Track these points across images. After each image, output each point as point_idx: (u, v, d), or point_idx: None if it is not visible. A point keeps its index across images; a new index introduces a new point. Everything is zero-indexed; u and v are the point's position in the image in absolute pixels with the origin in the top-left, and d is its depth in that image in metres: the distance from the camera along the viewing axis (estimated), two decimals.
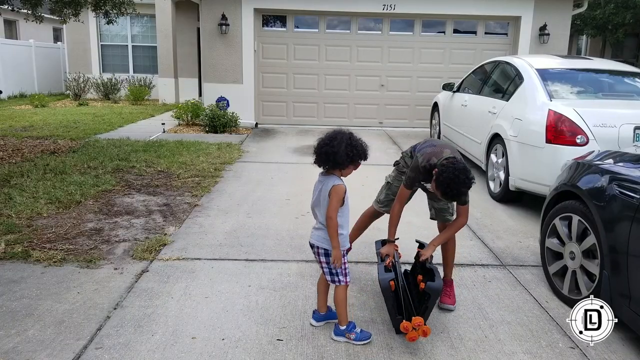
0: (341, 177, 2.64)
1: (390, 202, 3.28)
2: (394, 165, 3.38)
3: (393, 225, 3.00)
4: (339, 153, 2.51)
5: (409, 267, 3.63)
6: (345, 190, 2.61)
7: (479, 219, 4.78)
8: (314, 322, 2.81)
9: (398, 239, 3.04)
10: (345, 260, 2.64)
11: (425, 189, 3.03)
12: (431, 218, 3.26)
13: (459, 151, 3.13)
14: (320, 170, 2.69)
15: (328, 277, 2.67)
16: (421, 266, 3.05)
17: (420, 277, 2.88)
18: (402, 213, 3.04)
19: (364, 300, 3.13)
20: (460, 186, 2.64)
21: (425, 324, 2.57)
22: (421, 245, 3.22)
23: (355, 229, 3.53)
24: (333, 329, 2.71)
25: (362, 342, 2.64)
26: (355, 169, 2.67)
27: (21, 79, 15.27)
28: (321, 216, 2.63)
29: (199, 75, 13.79)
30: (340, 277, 2.64)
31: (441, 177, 2.67)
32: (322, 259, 2.65)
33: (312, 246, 2.71)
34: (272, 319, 2.86)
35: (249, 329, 2.75)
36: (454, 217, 3.09)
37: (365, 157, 2.63)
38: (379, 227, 4.39)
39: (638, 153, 3.97)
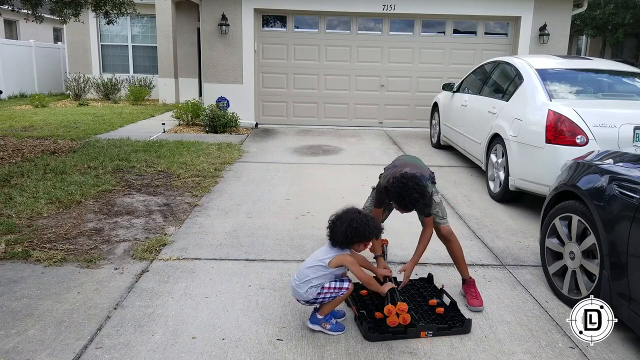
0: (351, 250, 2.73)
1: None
2: (379, 177, 3.46)
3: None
4: (337, 234, 2.62)
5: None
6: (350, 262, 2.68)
7: (479, 219, 4.78)
8: (309, 324, 2.77)
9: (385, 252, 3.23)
10: (334, 286, 2.67)
11: (396, 208, 3.02)
12: None
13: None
14: None
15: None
16: (432, 288, 3.21)
17: (434, 301, 3.01)
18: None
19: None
20: (411, 192, 2.70)
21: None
22: (430, 276, 3.31)
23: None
24: (309, 317, 2.76)
25: (337, 333, 2.72)
26: (365, 247, 2.74)
27: (21, 79, 15.27)
28: (305, 266, 2.71)
29: (199, 75, 13.80)
30: (343, 291, 2.68)
31: (392, 189, 2.77)
32: (318, 299, 2.67)
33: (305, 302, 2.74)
34: (272, 319, 2.87)
35: (249, 329, 2.76)
36: (444, 220, 3.16)
37: (368, 238, 2.67)
38: None
39: (638, 153, 3.97)
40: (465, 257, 3.82)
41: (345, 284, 2.70)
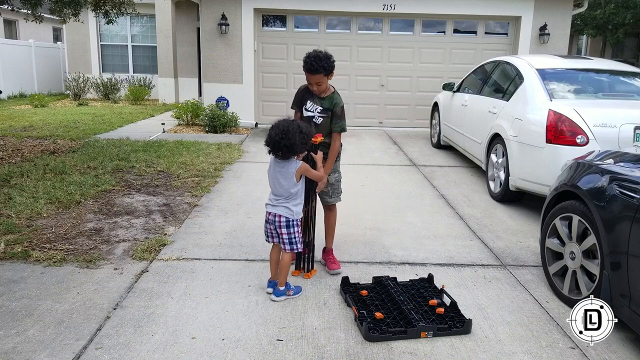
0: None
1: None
2: None
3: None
4: (294, 145, 2.91)
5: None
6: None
7: (479, 219, 4.77)
8: (275, 298, 3.05)
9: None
10: (299, 230, 3.10)
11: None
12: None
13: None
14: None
15: (287, 247, 3.07)
16: (433, 289, 3.21)
17: (435, 301, 3.00)
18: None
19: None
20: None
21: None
22: (430, 277, 3.31)
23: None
24: (273, 292, 3.07)
25: (298, 294, 3.12)
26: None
27: (21, 79, 15.27)
28: (285, 191, 3.04)
29: (199, 75, 13.79)
30: (298, 245, 3.08)
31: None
32: (284, 230, 3.05)
33: (273, 217, 3.07)
34: (272, 319, 2.86)
35: (249, 329, 2.75)
36: (332, 199, 3.57)
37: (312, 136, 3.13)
38: (379, 227, 4.40)
39: (638, 153, 3.97)
40: (465, 257, 3.82)
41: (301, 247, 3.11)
